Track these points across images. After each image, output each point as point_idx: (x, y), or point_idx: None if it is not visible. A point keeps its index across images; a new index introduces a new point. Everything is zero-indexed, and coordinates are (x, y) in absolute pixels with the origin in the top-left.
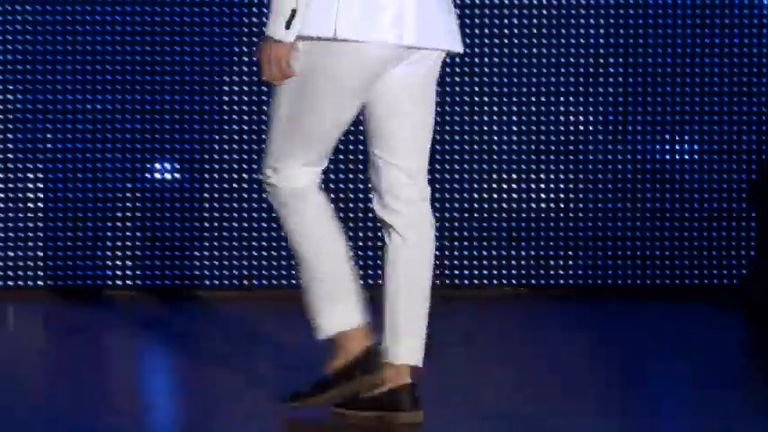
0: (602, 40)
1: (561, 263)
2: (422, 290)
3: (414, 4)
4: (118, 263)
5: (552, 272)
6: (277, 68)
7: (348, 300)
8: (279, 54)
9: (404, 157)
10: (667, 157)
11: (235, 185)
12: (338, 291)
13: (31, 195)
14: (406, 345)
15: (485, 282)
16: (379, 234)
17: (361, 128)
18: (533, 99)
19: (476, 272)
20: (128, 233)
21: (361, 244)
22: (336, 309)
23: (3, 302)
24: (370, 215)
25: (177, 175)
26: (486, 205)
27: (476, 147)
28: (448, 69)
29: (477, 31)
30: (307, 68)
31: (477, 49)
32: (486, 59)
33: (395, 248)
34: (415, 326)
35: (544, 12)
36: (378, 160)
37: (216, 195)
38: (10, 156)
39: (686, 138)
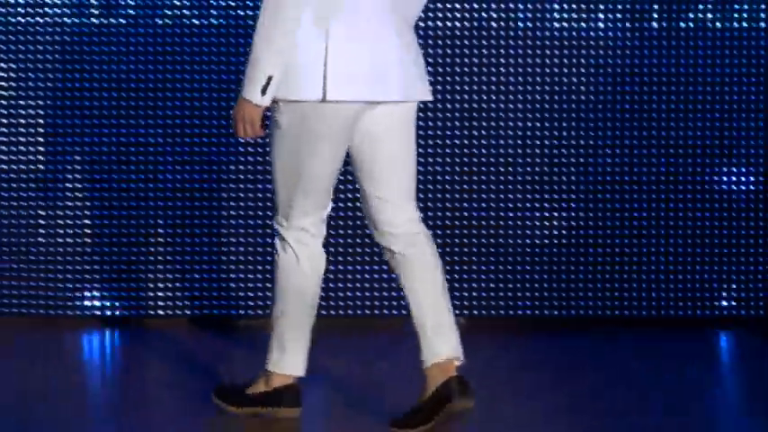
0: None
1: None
2: (438, 291)
3: (388, 64)
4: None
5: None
6: (250, 128)
7: (303, 351)
8: (252, 115)
9: (391, 190)
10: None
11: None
12: (301, 341)
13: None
14: (442, 342)
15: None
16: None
17: None
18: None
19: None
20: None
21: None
22: (285, 357)
23: None
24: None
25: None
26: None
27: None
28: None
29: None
30: (297, 127)
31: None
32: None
33: (402, 266)
34: (446, 323)
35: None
36: (369, 195)
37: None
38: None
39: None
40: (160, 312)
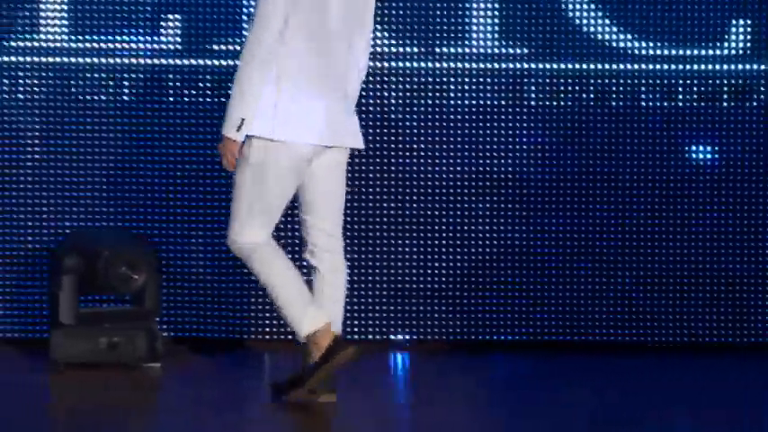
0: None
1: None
2: (342, 301)
3: (328, 113)
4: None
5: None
6: (230, 159)
7: (311, 306)
8: (231, 149)
9: (326, 220)
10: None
11: None
12: (304, 302)
13: None
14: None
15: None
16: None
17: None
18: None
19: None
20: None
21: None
22: (308, 313)
23: None
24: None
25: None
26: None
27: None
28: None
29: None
30: (259, 160)
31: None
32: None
33: (322, 282)
34: (340, 313)
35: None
36: (307, 223)
37: None
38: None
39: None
40: None
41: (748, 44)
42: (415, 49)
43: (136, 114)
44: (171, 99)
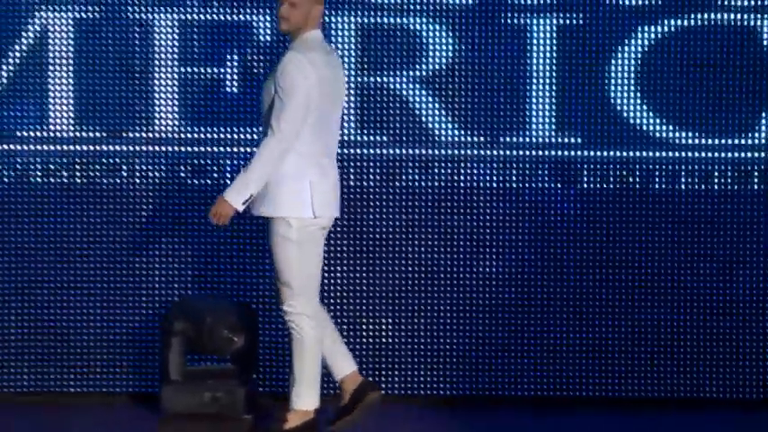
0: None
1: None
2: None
3: (336, 185)
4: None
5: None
6: (223, 220)
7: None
8: (228, 213)
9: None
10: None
11: None
12: (318, 381)
13: None
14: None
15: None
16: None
17: None
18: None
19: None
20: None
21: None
22: (315, 392)
23: None
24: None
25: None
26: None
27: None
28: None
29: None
30: (302, 237)
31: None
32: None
33: (335, 333)
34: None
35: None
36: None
37: None
38: None
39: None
40: None
41: None
42: (482, 139)
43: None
44: None
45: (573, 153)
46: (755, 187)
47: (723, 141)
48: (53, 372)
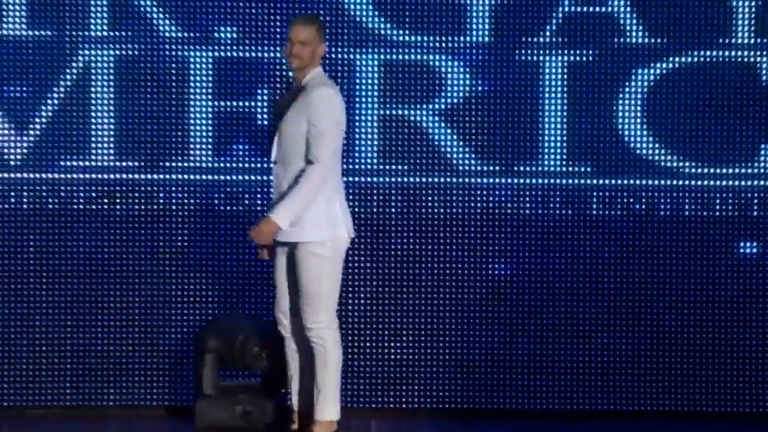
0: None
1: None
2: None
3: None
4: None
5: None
6: (267, 239)
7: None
8: (272, 232)
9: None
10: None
11: None
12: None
13: None
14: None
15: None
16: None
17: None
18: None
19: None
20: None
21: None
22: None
23: None
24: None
25: None
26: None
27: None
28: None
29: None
30: (336, 256)
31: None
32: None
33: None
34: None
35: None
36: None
37: None
38: None
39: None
40: None
41: None
42: (497, 168)
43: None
44: None
45: (582, 181)
46: (755, 214)
47: (724, 170)
48: (93, 386)
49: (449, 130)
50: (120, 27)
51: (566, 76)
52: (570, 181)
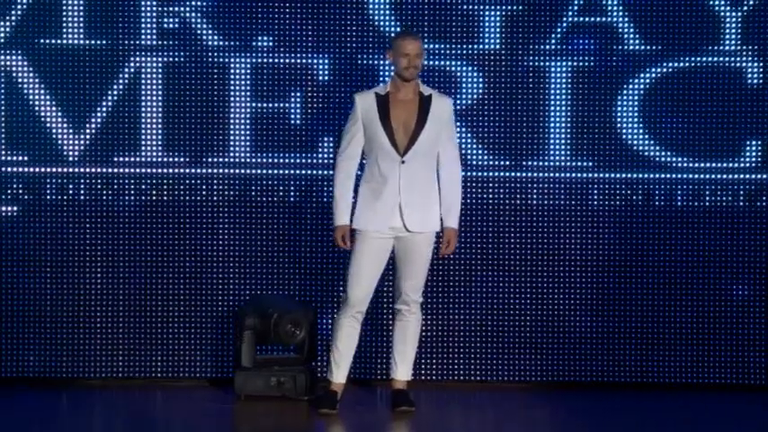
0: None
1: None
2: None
3: None
4: None
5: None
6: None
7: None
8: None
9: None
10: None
11: None
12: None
13: None
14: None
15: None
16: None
17: None
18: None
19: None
20: None
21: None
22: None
23: None
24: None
25: None
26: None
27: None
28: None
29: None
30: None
31: None
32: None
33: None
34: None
35: None
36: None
37: None
38: None
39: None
40: None
41: (759, 158)
42: (507, 162)
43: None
44: (326, 200)
45: (585, 175)
46: (741, 204)
47: (714, 164)
48: (143, 360)
49: (463, 128)
50: (167, 36)
51: (570, 80)
52: (574, 175)
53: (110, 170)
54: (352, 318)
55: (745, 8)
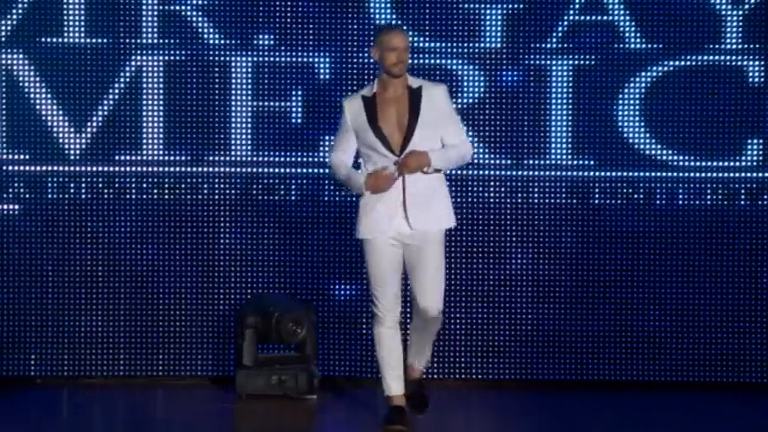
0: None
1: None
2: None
3: None
4: None
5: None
6: (417, 167)
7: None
8: (422, 165)
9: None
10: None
11: None
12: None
13: None
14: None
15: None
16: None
17: None
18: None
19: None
20: None
21: None
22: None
23: None
24: None
25: None
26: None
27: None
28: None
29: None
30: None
31: None
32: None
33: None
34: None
35: None
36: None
37: None
38: None
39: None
40: None
41: (760, 157)
42: (509, 161)
43: (302, 210)
44: (327, 198)
45: (586, 173)
46: (742, 202)
47: (715, 163)
48: (145, 359)
49: (466, 128)
50: (168, 35)
51: (571, 79)
52: (575, 173)
53: (111, 169)
54: (388, 328)
55: (747, 7)
